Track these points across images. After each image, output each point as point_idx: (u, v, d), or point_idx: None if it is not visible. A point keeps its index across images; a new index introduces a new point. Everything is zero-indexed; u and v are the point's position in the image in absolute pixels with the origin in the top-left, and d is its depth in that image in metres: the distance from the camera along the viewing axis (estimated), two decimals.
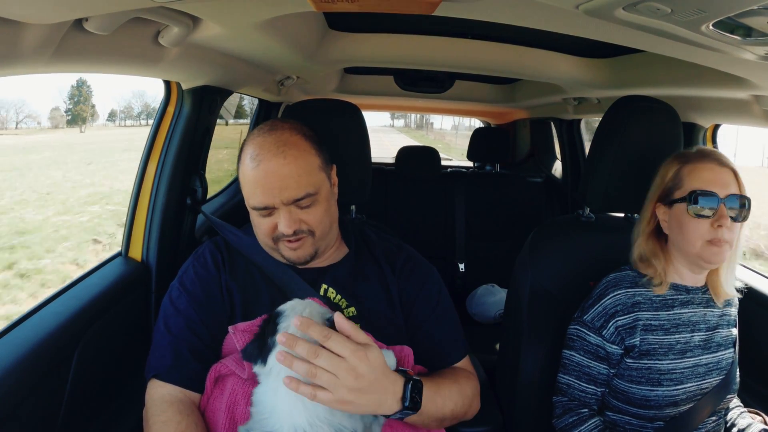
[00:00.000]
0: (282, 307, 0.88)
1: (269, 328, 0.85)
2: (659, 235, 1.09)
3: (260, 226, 0.97)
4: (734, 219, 1.00)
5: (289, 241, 0.96)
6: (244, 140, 0.99)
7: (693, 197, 1.01)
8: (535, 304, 1.25)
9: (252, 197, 0.94)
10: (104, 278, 1.22)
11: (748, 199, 1.01)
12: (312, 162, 0.95)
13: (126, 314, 1.23)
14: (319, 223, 0.97)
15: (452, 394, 0.93)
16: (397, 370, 0.84)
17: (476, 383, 1.03)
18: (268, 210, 0.94)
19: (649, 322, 1.06)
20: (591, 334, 1.08)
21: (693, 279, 1.08)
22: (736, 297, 1.11)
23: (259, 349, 0.84)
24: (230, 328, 0.92)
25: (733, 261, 1.06)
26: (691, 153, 1.05)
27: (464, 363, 1.05)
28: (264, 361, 0.83)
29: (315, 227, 0.96)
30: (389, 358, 0.87)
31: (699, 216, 1.00)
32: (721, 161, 1.02)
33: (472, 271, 2.52)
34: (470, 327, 2.24)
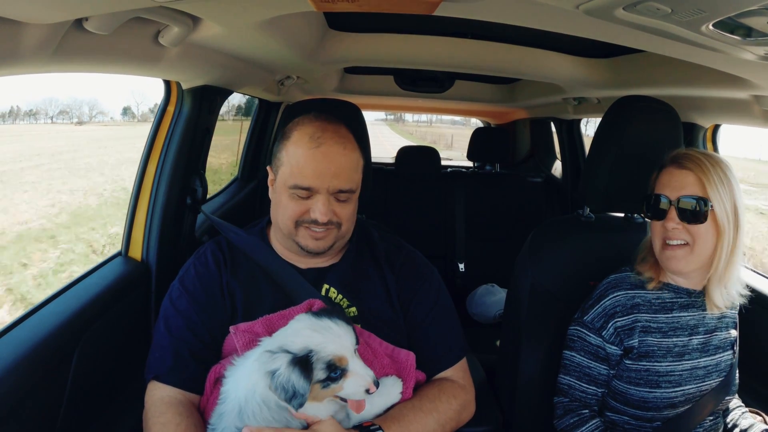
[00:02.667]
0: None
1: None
2: None
3: (289, 207, 0.96)
4: (689, 220, 1.00)
5: (315, 230, 0.96)
6: (293, 122, 0.99)
7: (648, 200, 1.06)
8: (535, 303, 1.25)
9: (298, 176, 0.93)
10: (104, 278, 1.22)
11: (704, 200, 0.99)
12: (360, 161, 0.99)
13: (126, 314, 1.23)
14: (347, 219, 0.98)
15: (427, 427, 0.92)
16: (356, 427, 0.86)
17: (465, 393, 1.02)
18: (309, 192, 0.94)
19: (648, 324, 1.05)
20: (591, 334, 1.08)
21: (685, 282, 1.08)
22: (737, 300, 1.09)
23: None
24: (231, 329, 0.92)
25: (724, 272, 1.02)
26: (666, 158, 1.06)
27: (458, 368, 1.04)
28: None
29: (344, 222, 0.98)
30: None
31: (654, 218, 1.04)
32: (680, 164, 1.02)
33: (472, 271, 2.52)
34: (470, 327, 2.24)
